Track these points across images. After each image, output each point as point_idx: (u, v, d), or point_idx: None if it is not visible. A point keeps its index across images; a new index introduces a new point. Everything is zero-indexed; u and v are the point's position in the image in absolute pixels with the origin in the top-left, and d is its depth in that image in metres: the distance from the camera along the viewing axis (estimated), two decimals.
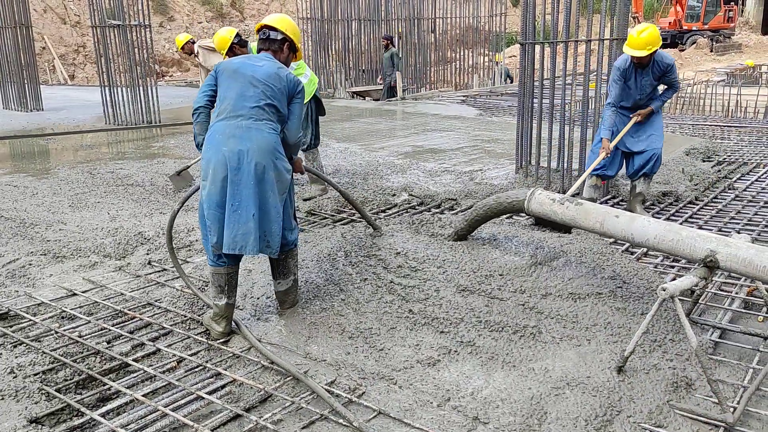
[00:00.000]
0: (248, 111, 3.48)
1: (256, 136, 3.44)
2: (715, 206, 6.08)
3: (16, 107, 13.33)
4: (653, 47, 5.27)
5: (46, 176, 7.42)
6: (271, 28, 3.74)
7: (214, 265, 3.58)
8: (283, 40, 3.76)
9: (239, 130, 3.44)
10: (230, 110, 3.50)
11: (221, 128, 3.47)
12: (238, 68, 3.57)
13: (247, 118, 3.47)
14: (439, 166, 7.84)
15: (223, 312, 3.59)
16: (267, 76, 3.54)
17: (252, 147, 3.41)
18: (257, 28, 3.82)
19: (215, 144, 3.45)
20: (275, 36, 3.74)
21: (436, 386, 3.10)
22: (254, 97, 3.50)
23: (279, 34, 3.74)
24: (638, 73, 5.50)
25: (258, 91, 3.50)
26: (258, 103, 3.50)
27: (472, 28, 18.94)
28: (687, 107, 13.95)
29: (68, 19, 24.18)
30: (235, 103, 3.49)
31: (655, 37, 5.27)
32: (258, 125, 3.48)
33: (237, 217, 3.40)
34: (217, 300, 3.58)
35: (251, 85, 3.51)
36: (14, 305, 4.06)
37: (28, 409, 2.94)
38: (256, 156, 3.41)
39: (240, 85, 3.51)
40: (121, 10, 10.95)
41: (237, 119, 3.47)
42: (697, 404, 3.00)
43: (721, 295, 4.13)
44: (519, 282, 3.95)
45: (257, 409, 3.00)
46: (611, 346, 3.43)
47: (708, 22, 31.11)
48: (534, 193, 4.04)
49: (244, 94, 3.50)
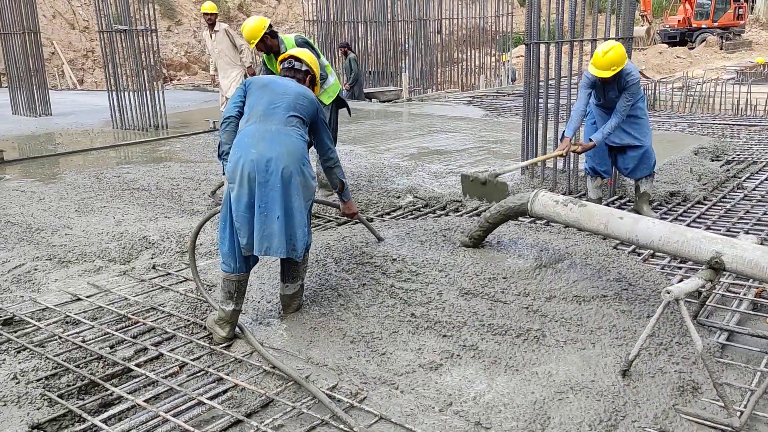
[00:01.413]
0: (278, 117, 3.61)
1: (285, 140, 3.53)
2: (723, 206, 6.01)
3: (25, 112, 13.42)
4: (617, 67, 5.21)
5: (53, 181, 7.46)
6: (297, 59, 3.96)
7: (227, 271, 3.60)
8: (307, 72, 3.96)
9: (269, 134, 3.53)
10: (260, 115, 3.61)
11: (251, 132, 3.56)
12: (269, 83, 3.76)
13: (277, 123, 3.58)
14: (444, 167, 7.81)
15: (229, 318, 3.59)
16: (296, 93, 3.73)
17: (281, 151, 3.48)
18: (282, 58, 4.02)
19: (244, 147, 3.51)
20: (300, 67, 3.94)
21: (438, 391, 3.08)
22: (284, 107, 3.64)
23: (304, 66, 3.95)
24: (605, 86, 5.50)
25: (288, 101, 3.66)
26: (287, 111, 3.63)
27: (479, 28, 18.89)
28: (696, 105, 13.84)
29: (77, 24, 24.33)
30: (266, 109, 3.62)
31: (620, 56, 5.20)
32: (287, 131, 3.58)
33: (264, 219, 3.46)
34: (225, 305, 3.58)
35: (281, 97, 3.67)
36: (19, 310, 4.07)
37: (30, 415, 2.94)
38: (284, 160, 3.48)
39: (270, 96, 3.67)
40: (128, 15, 11.00)
41: (267, 123, 3.57)
42: (703, 408, 2.96)
43: (729, 297, 4.08)
44: (523, 285, 3.92)
45: (258, 415, 2.98)
46: (616, 349, 3.39)
47: (717, 19, 30.91)
48: (537, 195, 4.01)
49: (275, 102, 3.64)
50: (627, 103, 5.41)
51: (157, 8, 24.44)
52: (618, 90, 5.45)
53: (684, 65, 23.72)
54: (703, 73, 18.34)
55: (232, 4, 28.67)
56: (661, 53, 27.08)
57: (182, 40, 25.88)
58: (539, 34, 6.77)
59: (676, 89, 14.87)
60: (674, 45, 29.73)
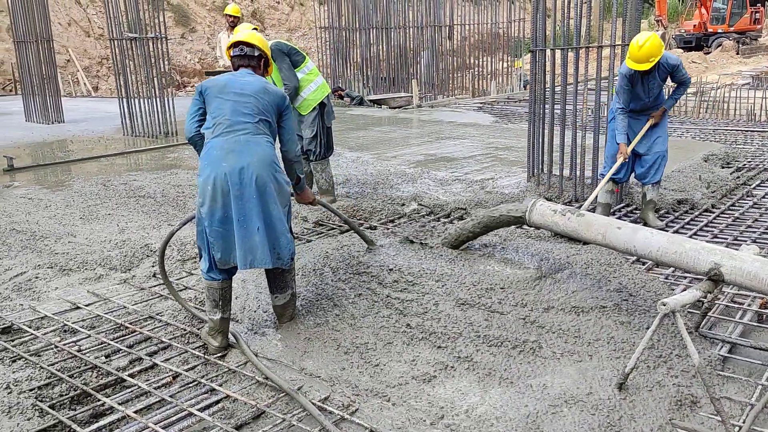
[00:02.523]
0: (244, 125, 3.51)
1: (255, 149, 3.46)
2: (731, 214, 5.92)
3: (38, 119, 13.55)
4: (655, 58, 5.13)
5: (61, 188, 7.51)
6: (248, 44, 3.78)
7: (208, 279, 3.58)
8: (260, 56, 3.82)
9: (238, 145, 3.45)
10: (226, 125, 3.51)
11: (219, 144, 3.48)
12: (227, 84, 3.60)
13: (245, 132, 3.49)
14: (450, 174, 7.77)
15: (218, 326, 3.57)
16: (256, 90, 3.59)
17: (252, 161, 3.43)
18: (231, 44, 3.84)
19: (214, 160, 3.45)
20: (252, 52, 3.78)
21: (430, 403, 3.04)
22: (249, 113, 3.53)
23: (256, 51, 3.79)
24: (644, 78, 5.40)
25: (250, 103, 3.54)
26: (253, 118, 3.54)
27: (491, 34, 18.83)
28: (711, 111, 13.68)
29: (92, 32, 24.59)
30: (231, 118, 3.51)
31: (656, 47, 5.11)
32: (256, 139, 3.51)
33: (244, 232, 3.41)
34: (212, 314, 3.57)
35: (243, 100, 3.54)
36: (18, 319, 4.09)
37: (20, 426, 2.94)
38: (256, 170, 3.42)
39: (232, 102, 3.54)
40: (139, 23, 11.08)
41: (234, 134, 3.48)
42: (701, 423, 2.90)
43: (733, 308, 4.01)
44: (521, 295, 3.87)
45: (249, 426, 2.97)
46: (614, 362, 3.33)
47: (734, 24, 30.54)
48: (535, 204, 3.96)
49: (238, 109, 3.52)
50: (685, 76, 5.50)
51: (171, 16, 24.68)
52: (660, 78, 5.39)
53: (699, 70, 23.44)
54: (718, 78, 18.13)
55: (245, 11, 28.83)
56: None
57: (196, 47, 26.06)
58: (545, 41, 6.72)
59: (689, 94, 14.71)
60: (690, 50, 29.40)
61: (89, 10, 24.82)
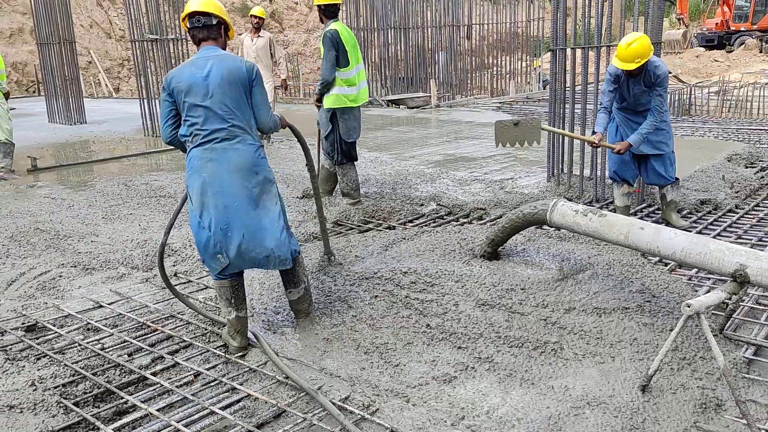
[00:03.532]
0: (219, 132, 3.44)
1: (232, 156, 3.44)
2: (756, 214, 5.84)
3: (60, 120, 13.73)
4: (642, 59, 5.05)
5: (83, 188, 7.60)
6: (205, 14, 3.54)
7: (217, 278, 3.59)
8: (219, 24, 3.60)
9: (215, 153, 3.43)
10: (202, 136, 3.45)
11: (198, 154, 3.46)
12: (192, 85, 3.44)
13: (221, 140, 3.44)
14: (469, 174, 7.75)
15: (236, 326, 3.59)
16: (220, 83, 3.43)
17: (231, 168, 3.42)
18: (186, 14, 3.58)
19: (196, 170, 3.45)
20: (210, 21, 3.56)
21: (451, 404, 3.03)
22: (221, 115, 3.43)
23: (213, 19, 3.56)
24: (630, 81, 5.33)
25: (220, 106, 3.43)
26: (225, 122, 3.44)
27: (510, 33, 18.75)
28: (734, 110, 13.50)
29: (113, 33, 24.86)
30: (205, 127, 3.44)
31: (645, 48, 5.03)
32: (232, 144, 3.46)
33: (234, 239, 3.42)
34: (228, 314, 3.60)
35: (213, 103, 3.42)
36: (42, 317, 4.14)
37: (45, 422, 2.97)
38: (237, 176, 3.42)
39: (203, 108, 3.43)
40: (160, 25, 11.18)
41: (211, 143, 3.44)
42: (726, 426, 2.85)
43: (758, 309, 3.95)
44: (542, 296, 3.85)
45: (270, 425, 2.97)
46: (636, 363, 3.30)
47: (757, 22, 30.10)
48: (556, 204, 3.93)
49: (210, 116, 3.43)
50: (661, 100, 5.25)
51: None
52: (644, 84, 5.30)
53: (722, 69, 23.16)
54: (741, 77, 17.89)
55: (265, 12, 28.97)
56: (698, 57, 26.50)
57: None
58: (565, 39, 6.68)
59: (712, 94, 14.54)
60: (712, 48, 29.03)
61: (110, 12, 25.10)
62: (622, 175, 5.68)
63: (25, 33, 22.16)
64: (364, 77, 6.28)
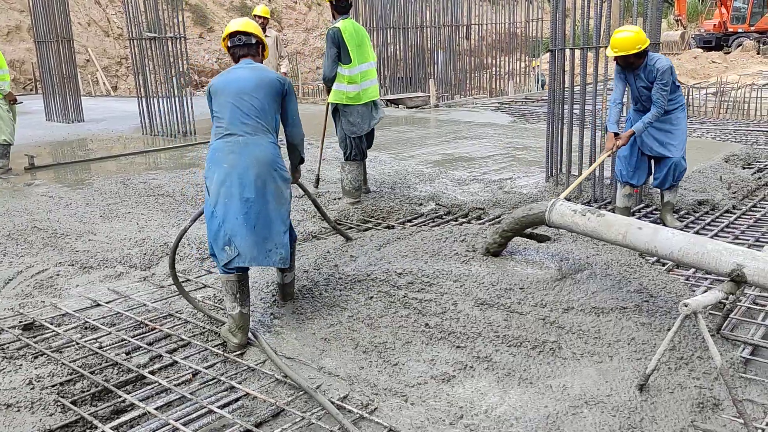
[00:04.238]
0: (243, 127, 3.61)
1: (254, 150, 3.58)
2: (753, 215, 5.85)
3: (58, 119, 13.70)
4: (620, 51, 5.14)
5: (81, 186, 7.59)
6: (246, 33, 3.85)
7: (224, 272, 3.63)
8: (257, 43, 3.90)
9: (237, 146, 3.58)
10: (225, 128, 3.64)
11: (220, 146, 3.62)
12: (226, 86, 3.69)
13: (243, 134, 3.61)
14: (468, 174, 7.75)
15: (239, 322, 3.60)
16: (252, 88, 3.66)
17: (251, 162, 3.55)
18: (227, 34, 3.89)
19: (217, 161, 3.60)
20: (249, 41, 3.86)
21: (450, 403, 3.03)
22: (246, 113, 3.62)
23: (253, 38, 3.87)
24: (633, 77, 5.38)
25: (247, 105, 3.63)
26: (250, 119, 3.62)
27: (509, 33, 18.76)
28: (731, 111, 13.52)
29: (111, 31, 24.82)
30: (230, 121, 3.63)
31: (629, 41, 5.10)
32: (255, 140, 3.61)
33: (245, 231, 3.52)
34: (231, 310, 3.61)
35: (240, 102, 3.63)
36: (39, 316, 4.14)
37: (43, 421, 2.97)
38: (255, 170, 3.54)
39: (231, 104, 3.63)
40: (158, 23, 11.17)
41: (233, 136, 3.61)
42: (723, 425, 2.86)
43: (755, 309, 3.96)
44: (540, 295, 3.85)
45: (269, 424, 2.97)
46: (634, 363, 3.31)
47: (754, 23, 30.17)
48: (555, 204, 3.94)
49: (236, 113, 3.62)
50: (662, 92, 5.26)
51: (189, 16, 24.81)
52: (648, 80, 5.33)
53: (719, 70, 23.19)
54: (738, 78, 17.92)
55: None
56: (695, 58, 26.54)
57: (214, 47, 26.22)
58: (564, 40, 6.68)
59: (709, 95, 14.56)
60: (710, 50, 29.09)
61: (108, 10, 25.06)
62: (630, 179, 5.68)
63: (23, 30, 22.11)
64: (371, 76, 6.30)
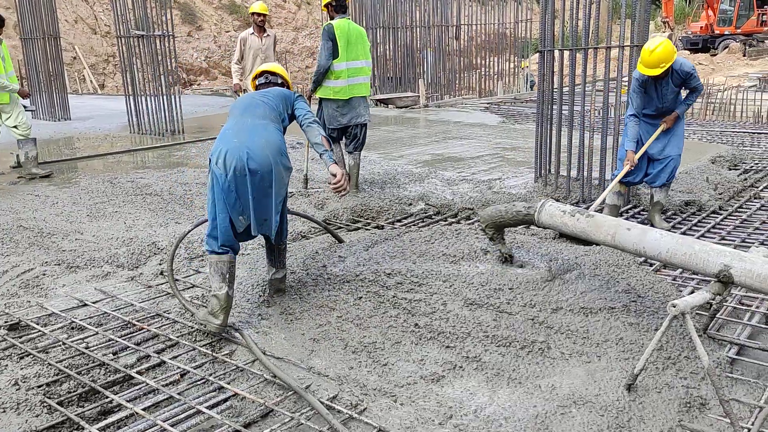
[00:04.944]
0: (253, 112, 3.91)
1: (262, 132, 3.79)
2: (739, 216, 5.90)
3: (44, 117, 13.58)
4: (667, 64, 5.10)
5: (67, 185, 7.52)
6: (272, 73, 4.35)
7: (216, 253, 3.75)
8: (282, 83, 4.34)
9: (246, 126, 3.81)
10: (238, 115, 3.94)
11: (230, 126, 3.88)
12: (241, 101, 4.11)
13: (254, 117, 3.88)
14: (457, 174, 7.77)
15: (223, 303, 3.69)
16: (263, 93, 4.12)
17: (259, 142, 3.72)
18: (257, 73, 4.38)
19: (226, 138, 3.77)
20: (276, 80, 4.32)
21: (439, 403, 3.04)
22: (257, 106, 3.96)
23: (279, 78, 4.34)
24: (657, 84, 5.35)
25: (258, 102, 3.99)
26: (261, 109, 3.94)
27: (498, 34, 18.81)
28: (717, 113, 13.64)
29: (98, 29, 24.64)
30: (243, 111, 3.95)
31: (669, 52, 5.07)
32: (264, 123, 3.85)
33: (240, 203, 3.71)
34: (218, 290, 3.70)
35: (253, 102, 4.00)
36: (25, 316, 4.10)
37: (29, 422, 2.94)
38: (261, 150, 3.70)
39: (244, 103, 4.02)
40: (146, 21, 11.10)
41: (244, 118, 3.88)
42: (710, 425, 2.89)
43: (741, 310, 3.99)
44: (529, 296, 3.86)
45: (257, 425, 2.96)
46: (622, 363, 3.32)
47: (740, 26, 30.45)
48: (544, 204, 3.95)
49: (249, 105, 3.98)
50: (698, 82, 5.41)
51: (177, 14, 24.67)
52: (674, 84, 5.36)
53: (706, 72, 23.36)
54: (725, 80, 18.07)
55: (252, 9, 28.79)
56: None
57: (203, 45, 26.08)
58: (553, 41, 6.71)
59: None
60: (696, 51, 29.32)
61: (96, 8, 24.88)
62: (630, 178, 5.67)
63: (9, 27, 21.88)
64: (358, 74, 6.56)
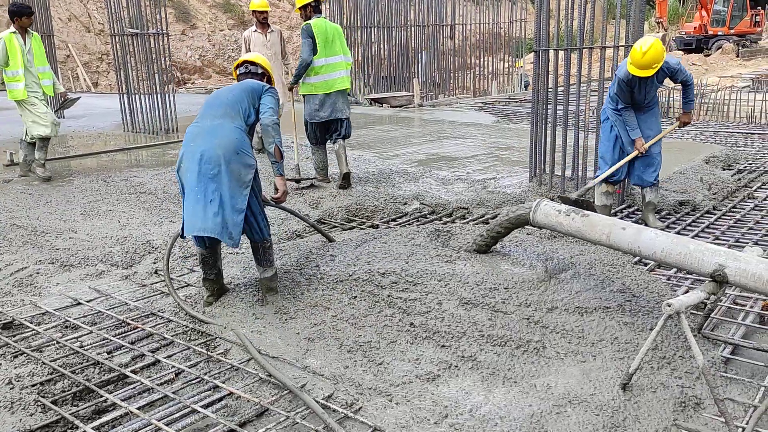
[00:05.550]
0: (212, 113, 3.97)
1: (218, 132, 3.85)
2: (733, 216, 5.93)
3: None
4: (658, 64, 5.11)
5: (61, 184, 7.49)
6: (253, 63, 4.36)
7: (194, 244, 4.11)
8: (263, 74, 4.36)
9: (204, 129, 3.90)
10: (199, 116, 4.02)
11: (191, 130, 3.97)
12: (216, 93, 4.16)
13: (211, 119, 3.94)
14: (452, 174, 7.77)
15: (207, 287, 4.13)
16: (228, 89, 4.11)
17: (213, 143, 3.80)
18: (238, 63, 4.39)
19: (185, 142, 3.94)
20: (256, 70, 4.34)
21: (434, 402, 3.03)
22: (217, 105, 4.00)
23: (259, 68, 4.35)
24: (643, 82, 5.38)
25: (220, 99, 4.03)
26: (221, 109, 3.97)
27: (492, 33, 18.83)
28: (711, 113, 13.68)
29: (92, 27, 24.54)
30: (203, 112, 4.03)
31: (660, 53, 5.08)
32: (220, 123, 3.90)
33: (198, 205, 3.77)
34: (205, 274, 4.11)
35: (216, 101, 4.05)
36: (19, 314, 4.08)
37: (23, 421, 2.93)
38: (216, 151, 3.77)
39: (208, 103, 4.08)
40: (140, 19, 11.06)
41: (202, 121, 3.97)
42: (704, 424, 2.89)
43: (735, 309, 4.01)
44: (524, 295, 3.87)
45: (253, 424, 2.95)
46: (617, 362, 3.33)
47: (734, 26, 30.58)
48: (539, 204, 3.96)
49: (209, 106, 4.05)
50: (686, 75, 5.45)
51: (171, 12, 24.59)
52: (659, 81, 5.39)
53: (699, 72, 23.46)
54: (718, 80, 18.15)
55: (247, 9, 28.75)
56: None
57: (197, 43, 26.01)
58: (548, 41, 6.72)
59: None
60: (690, 52, 29.43)
61: (89, 6, 24.77)
62: (615, 176, 5.70)
63: (2, 25, 21.78)
64: (337, 69, 6.83)
